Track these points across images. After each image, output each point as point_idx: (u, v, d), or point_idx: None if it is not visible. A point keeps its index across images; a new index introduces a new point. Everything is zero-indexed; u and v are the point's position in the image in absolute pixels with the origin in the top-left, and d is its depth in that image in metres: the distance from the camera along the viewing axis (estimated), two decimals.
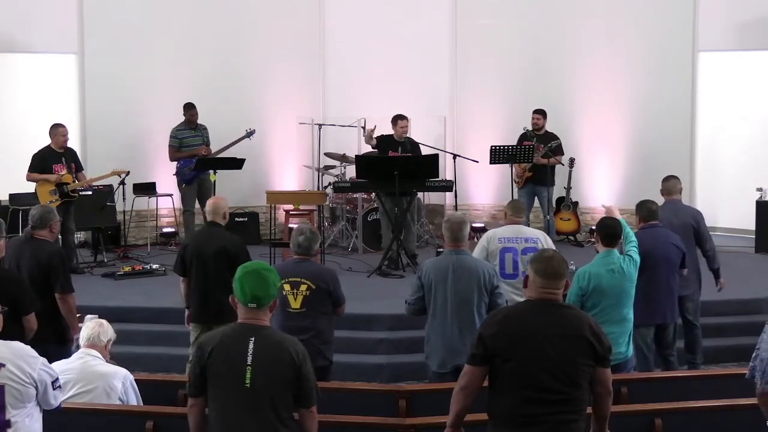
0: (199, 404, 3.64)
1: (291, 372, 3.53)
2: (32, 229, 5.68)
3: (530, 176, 10.11)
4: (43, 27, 10.27)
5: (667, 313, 6.19)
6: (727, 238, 10.31)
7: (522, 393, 3.52)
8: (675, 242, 6.22)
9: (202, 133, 10.03)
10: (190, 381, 3.67)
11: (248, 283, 3.57)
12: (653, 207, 6.30)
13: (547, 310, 3.59)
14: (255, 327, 3.58)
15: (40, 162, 8.82)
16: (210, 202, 6.27)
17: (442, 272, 5.30)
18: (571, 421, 3.54)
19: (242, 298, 3.58)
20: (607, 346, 3.62)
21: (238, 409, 3.52)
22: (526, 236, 6.03)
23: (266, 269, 3.64)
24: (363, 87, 11.06)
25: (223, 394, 3.55)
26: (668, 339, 6.39)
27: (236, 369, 3.51)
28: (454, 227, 5.35)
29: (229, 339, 3.59)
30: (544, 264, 3.63)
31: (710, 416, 4.59)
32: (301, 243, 5.41)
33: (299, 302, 5.31)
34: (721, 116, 10.95)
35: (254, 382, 3.50)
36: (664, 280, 6.04)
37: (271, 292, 3.61)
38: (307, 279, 5.31)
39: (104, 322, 4.89)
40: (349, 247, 10.20)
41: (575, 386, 3.53)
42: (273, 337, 3.61)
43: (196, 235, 6.33)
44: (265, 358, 3.52)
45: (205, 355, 3.57)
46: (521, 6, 11.19)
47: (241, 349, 3.52)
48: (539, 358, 3.50)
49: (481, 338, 3.60)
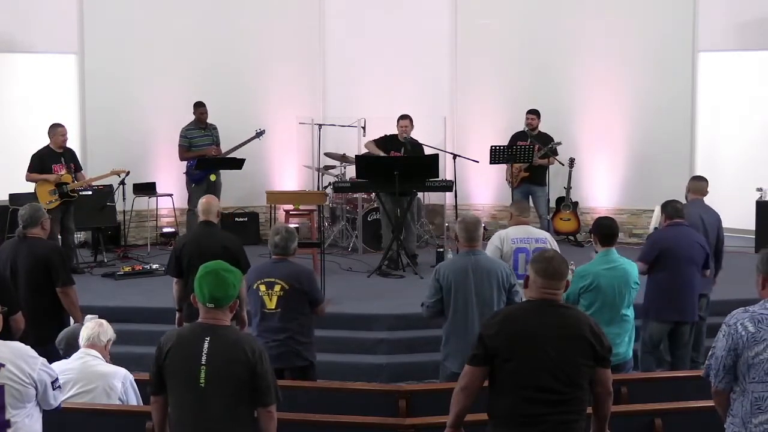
0: (159, 402, 3.70)
1: (245, 371, 3.54)
2: (24, 228, 5.68)
3: (526, 176, 10.10)
4: (43, 27, 10.27)
5: (687, 311, 6.19)
6: (727, 238, 10.18)
7: (522, 393, 3.52)
8: (700, 242, 6.23)
9: (212, 132, 10.04)
10: (150, 379, 3.73)
11: (207, 284, 3.59)
12: (679, 206, 6.33)
13: (547, 311, 3.59)
14: (212, 327, 3.61)
15: (39, 162, 8.82)
16: (203, 202, 6.22)
17: (461, 273, 5.28)
18: (571, 421, 3.54)
19: (201, 298, 3.61)
20: (607, 346, 3.62)
21: (194, 408, 3.54)
22: (536, 237, 6.07)
23: (226, 270, 3.65)
24: (363, 87, 11.06)
25: (179, 393, 3.58)
26: (684, 338, 6.37)
27: (191, 368, 3.54)
28: (469, 227, 5.35)
29: (185, 339, 3.63)
30: (545, 264, 3.63)
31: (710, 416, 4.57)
32: (278, 243, 5.41)
33: (274, 302, 5.32)
34: (721, 116, 10.94)
35: (208, 381, 3.52)
36: (686, 279, 6.04)
37: (229, 292, 3.62)
38: (281, 279, 5.32)
39: (104, 322, 4.90)
40: (349, 247, 10.20)
41: (575, 386, 3.53)
42: (229, 337, 3.62)
43: (194, 235, 6.27)
44: (220, 358, 3.53)
45: (162, 355, 3.62)
46: (521, 6, 11.19)
47: (196, 349, 3.55)
48: (539, 358, 3.50)
49: (481, 338, 3.61)
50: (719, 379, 3.63)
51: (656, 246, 5.87)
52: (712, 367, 3.65)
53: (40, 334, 5.36)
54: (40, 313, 5.55)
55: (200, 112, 9.96)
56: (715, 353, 3.64)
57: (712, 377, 3.66)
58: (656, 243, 5.95)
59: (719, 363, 3.60)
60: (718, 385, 3.65)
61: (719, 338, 3.64)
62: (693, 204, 6.71)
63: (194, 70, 10.69)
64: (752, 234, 10.20)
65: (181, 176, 10.15)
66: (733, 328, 3.58)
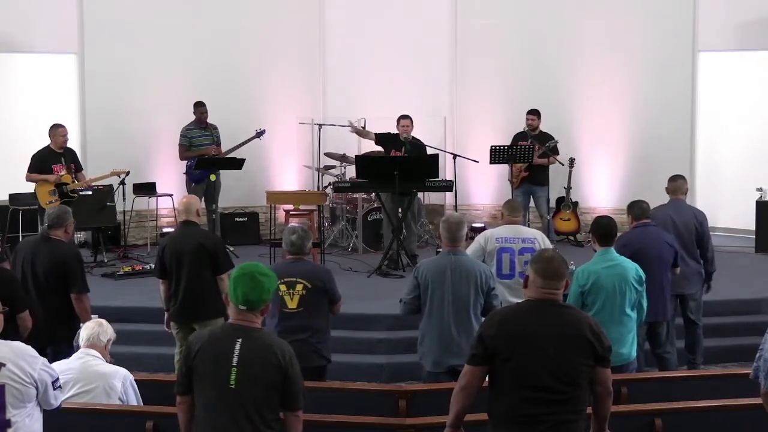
0: (186, 402, 3.65)
1: (277, 374, 3.52)
2: (48, 228, 5.73)
3: (526, 176, 10.09)
4: (43, 27, 10.26)
5: (659, 311, 6.19)
6: (727, 238, 10.32)
7: (521, 393, 3.52)
8: (668, 241, 6.24)
9: (213, 132, 10.04)
10: (178, 379, 3.69)
11: (241, 286, 3.57)
12: (645, 206, 6.34)
13: (547, 310, 3.59)
14: (244, 328, 3.58)
15: (40, 163, 8.82)
16: (182, 201, 6.29)
17: (439, 272, 5.29)
18: (570, 421, 3.54)
19: (234, 299, 3.58)
20: (607, 345, 3.62)
21: (222, 410, 3.51)
22: (523, 236, 6.04)
23: (263, 273, 3.61)
24: (363, 87, 11.06)
25: (208, 394, 3.55)
26: (661, 337, 6.39)
27: (221, 369, 3.51)
28: (452, 227, 5.35)
29: (216, 339, 3.60)
30: (544, 264, 3.64)
31: (710, 416, 4.59)
32: (295, 242, 5.41)
33: (296, 302, 5.32)
34: (721, 116, 10.95)
35: (239, 383, 3.49)
36: (657, 279, 6.02)
37: (264, 297, 3.59)
38: (303, 279, 5.32)
39: (104, 321, 4.90)
40: (349, 247, 10.20)
41: (575, 386, 3.53)
42: (261, 339, 3.59)
43: (173, 236, 6.33)
44: (251, 360, 3.51)
45: (191, 354, 3.58)
46: (521, 6, 11.19)
47: (227, 350, 3.52)
48: (539, 358, 3.50)
49: (481, 338, 3.61)
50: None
51: (627, 248, 5.82)
52: (761, 369, 3.62)
53: (51, 333, 5.45)
54: (52, 313, 5.60)
55: (201, 112, 9.96)
56: (763, 354, 3.61)
57: (761, 379, 3.62)
58: (627, 245, 5.90)
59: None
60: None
61: (767, 339, 3.62)
62: (666, 206, 6.71)
63: (194, 70, 10.69)
64: (752, 234, 10.20)
65: (181, 176, 10.15)
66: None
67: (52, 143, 8.92)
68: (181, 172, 10.08)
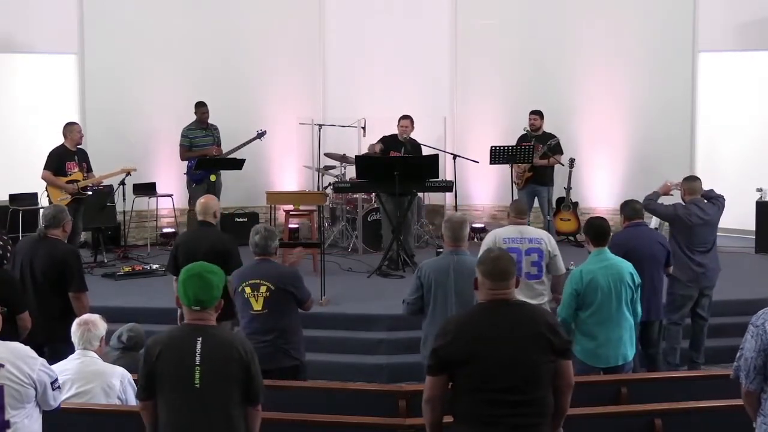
0: (150, 407, 3.63)
1: (240, 370, 3.53)
2: (45, 228, 5.72)
3: (530, 176, 10.09)
4: (43, 27, 10.28)
5: (652, 310, 6.19)
6: (727, 239, 10.29)
7: (481, 395, 3.44)
8: (660, 240, 6.27)
9: (213, 132, 10.05)
10: (140, 384, 3.65)
11: (191, 287, 3.58)
12: (637, 206, 6.38)
13: (499, 311, 3.53)
14: (202, 327, 3.58)
15: (58, 160, 8.86)
16: (200, 202, 6.27)
17: (442, 272, 5.29)
18: (533, 424, 3.46)
19: (186, 301, 3.59)
20: (565, 338, 3.57)
21: (189, 410, 3.50)
22: (529, 237, 6.05)
23: (209, 271, 3.64)
24: (363, 87, 11.06)
25: (173, 396, 3.53)
26: (653, 337, 6.41)
27: (185, 370, 3.50)
28: (455, 227, 5.35)
29: (176, 340, 3.59)
30: (490, 265, 3.57)
31: (710, 416, 4.59)
32: (258, 242, 5.41)
33: (260, 304, 5.32)
34: (721, 116, 10.95)
35: (203, 381, 3.49)
36: (648, 278, 6.02)
37: (214, 294, 3.60)
38: (266, 280, 5.32)
39: (91, 320, 4.81)
40: (349, 248, 10.20)
41: (536, 386, 3.46)
42: (221, 336, 3.61)
43: (188, 235, 6.35)
44: (214, 357, 3.51)
45: (152, 358, 3.56)
46: (521, 6, 11.19)
47: (189, 350, 3.51)
48: (496, 360, 3.43)
49: (434, 350, 3.53)
50: (750, 380, 3.61)
51: (621, 248, 5.83)
52: (742, 368, 3.63)
53: (50, 332, 5.43)
54: (51, 312, 5.59)
55: (202, 112, 9.96)
56: (744, 354, 3.63)
57: (742, 378, 3.64)
58: (620, 245, 5.90)
59: (749, 364, 3.59)
60: (749, 386, 3.62)
61: (747, 339, 3.63)
62: (691, 203, 6.71)
63: (194, 70, 10.70)
64: (752, 234, 10.20)
65: (181, 176, 10.16)
66: (761, 328, 3.57)
67: (68, 141, 8.96)
68: (182, 172, 10.09)
